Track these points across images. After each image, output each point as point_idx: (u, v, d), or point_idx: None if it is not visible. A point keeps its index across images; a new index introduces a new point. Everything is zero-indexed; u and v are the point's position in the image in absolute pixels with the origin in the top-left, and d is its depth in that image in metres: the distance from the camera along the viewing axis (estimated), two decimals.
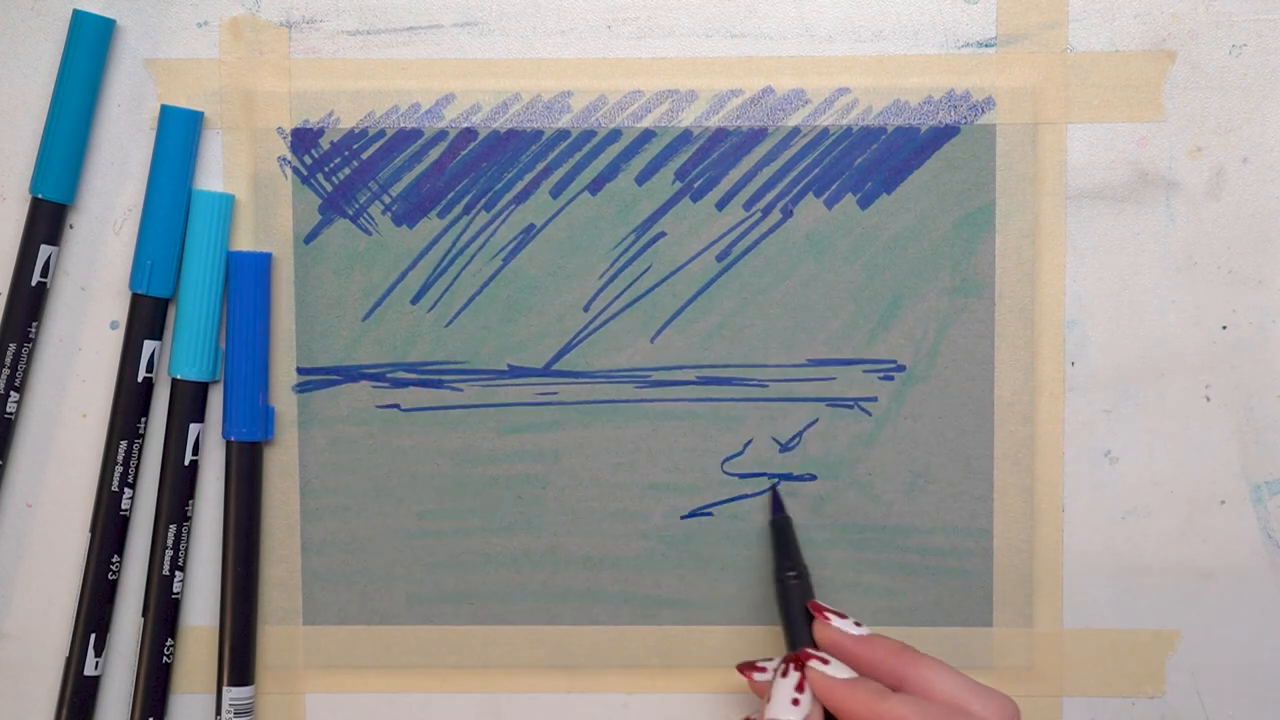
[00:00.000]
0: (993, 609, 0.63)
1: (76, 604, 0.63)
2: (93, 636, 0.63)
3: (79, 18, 0.61)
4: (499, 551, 0.64)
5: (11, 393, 0.62)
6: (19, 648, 0.64)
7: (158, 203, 0.61)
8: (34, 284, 0.62)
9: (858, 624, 0.57)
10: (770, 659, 0.58)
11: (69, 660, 0.63)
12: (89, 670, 0.63)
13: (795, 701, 0.55)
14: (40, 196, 0.61)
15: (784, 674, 0.56)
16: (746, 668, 0.58)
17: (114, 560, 0.63)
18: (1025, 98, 0.61)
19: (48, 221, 0.62)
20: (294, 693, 0.64)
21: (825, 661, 0.55)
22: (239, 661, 0.63)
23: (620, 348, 0.63)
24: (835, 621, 0.57)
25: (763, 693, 0.57)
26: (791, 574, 0.60)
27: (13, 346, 0.62)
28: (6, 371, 0.62)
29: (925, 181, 0.62)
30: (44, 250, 0.62)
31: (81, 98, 0.61)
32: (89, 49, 0.61)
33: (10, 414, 0.62)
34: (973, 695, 0.53)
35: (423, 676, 0.64)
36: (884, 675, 0.55)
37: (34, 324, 0.62)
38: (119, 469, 0.62)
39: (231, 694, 0.63)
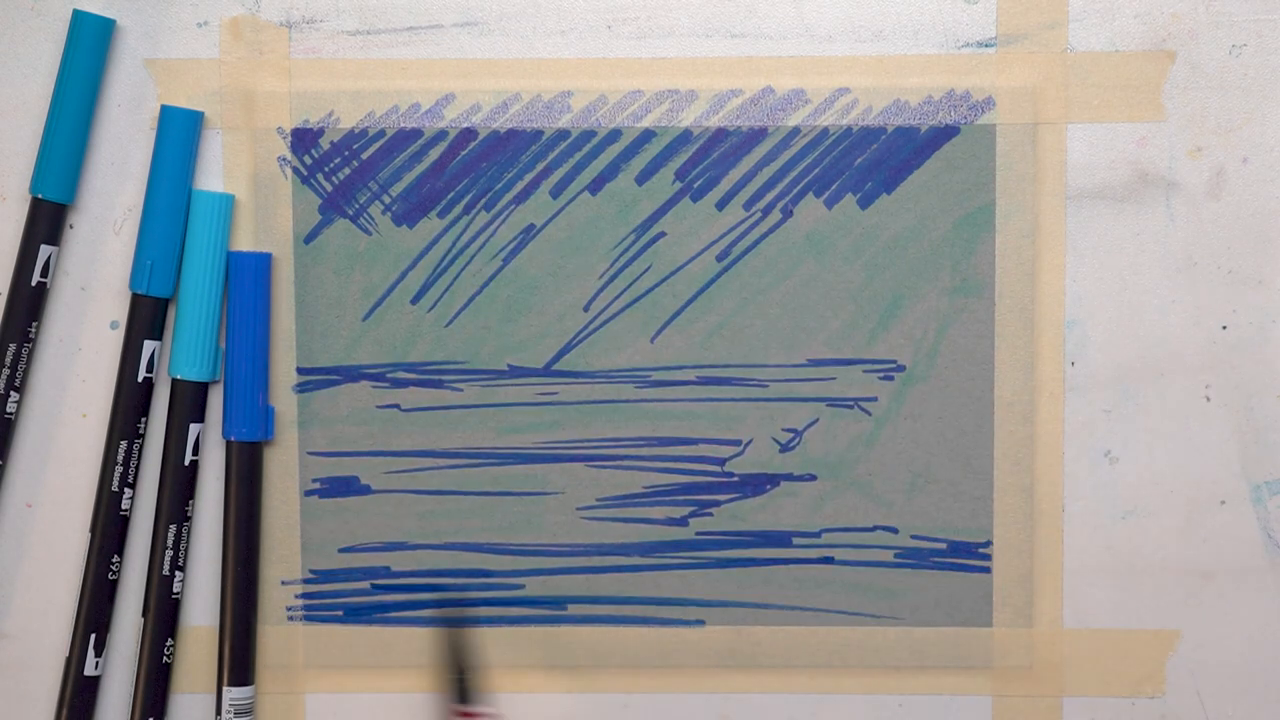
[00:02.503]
0: (993, 609, 0.63)
1: (76, 604, 0.63)
2: (93, 636, 0.63)
3: (79, 18, 0.61)
4: (499, 551, 0.64)
5: (11, 393, 0.62)
6: (19, 648, 0.64)
7: (158, 203, 0.61)
8: (34, 284, 0.62)
9: None
10: None
11: (69, 660, 0.63)
12: (89, 670, 0.63)
13: None
14: (40, 196, 0.61)
15: None
16: None
17: (114, 560, 0.62)
18: (1025, 98, 0.61)
19: (48, 221, 0.62)
20: (294, 693, 0.64)
21: None
22: (239, 661, 0.63)
23: (620, 348, 0.63)
24: None
25: None
26: (457, 674, 0.63)
27: (13, 346, 0.62)
28: (6, 371, 0.62)
29: (925, 181, 0.62)
30: (44, 250, 0.62)
31: (81, 98, 0.61)
32: (89, 49, 0.61)
33: (10, 414, 0.62)
34: None
35: (423, 676, 0.64)
36: None
37: (34, 324, 0.62)
38: (119, 469, 0.62)
39: (231, 694, 0.63)
